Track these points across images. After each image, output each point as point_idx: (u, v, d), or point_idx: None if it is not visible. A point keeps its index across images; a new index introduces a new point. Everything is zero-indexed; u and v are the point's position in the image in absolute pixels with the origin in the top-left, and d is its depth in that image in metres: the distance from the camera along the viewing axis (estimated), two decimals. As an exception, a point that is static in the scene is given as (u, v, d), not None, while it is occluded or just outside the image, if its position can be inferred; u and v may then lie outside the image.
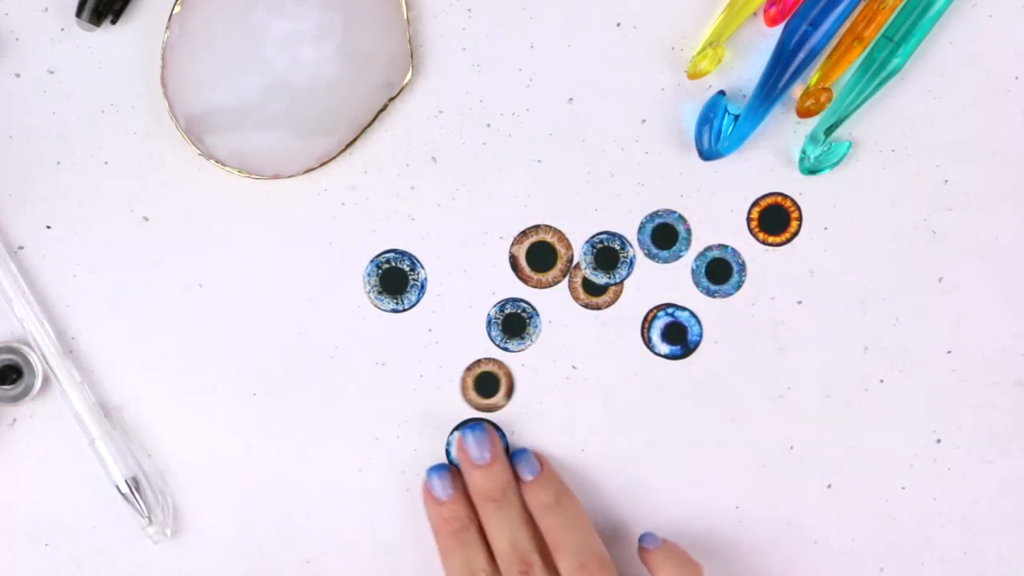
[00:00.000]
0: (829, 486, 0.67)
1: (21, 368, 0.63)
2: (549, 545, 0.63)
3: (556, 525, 0.63)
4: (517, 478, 0.64)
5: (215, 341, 0.65)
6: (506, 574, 0.62)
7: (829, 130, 0.65)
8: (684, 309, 0.67)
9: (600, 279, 0.66)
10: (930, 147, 0.66)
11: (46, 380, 0.64)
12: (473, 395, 0.66)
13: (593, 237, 0.66)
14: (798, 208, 0.66)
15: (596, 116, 0.65)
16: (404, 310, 0.66)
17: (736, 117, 0.65)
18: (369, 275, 0.65)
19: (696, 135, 0.65)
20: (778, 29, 0.64)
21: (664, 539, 0.64)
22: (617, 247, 0.66)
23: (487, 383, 0.66)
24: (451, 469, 0.65)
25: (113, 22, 0.63)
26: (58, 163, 0.64)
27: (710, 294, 0.67)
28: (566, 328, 0.66)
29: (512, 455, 0.65)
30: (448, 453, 0.66)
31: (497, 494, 0.63)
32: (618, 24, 0.65)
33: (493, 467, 0.64)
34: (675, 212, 0.66)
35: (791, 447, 0.67)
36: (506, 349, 0.66)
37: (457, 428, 0.66)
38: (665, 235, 0.66)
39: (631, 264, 0.66)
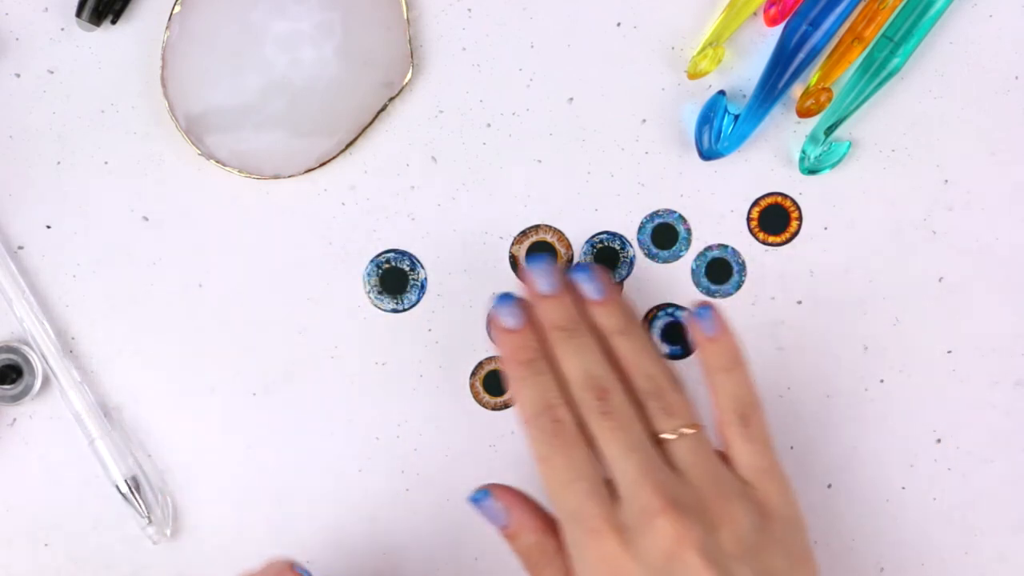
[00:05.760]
0: (829, 486, 0.67)
1: (21, 368, 0.63)
2: (624, 369, 0.59)
3: (627, 348, 0.59)
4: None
5: (215, 341, 0.65)
6: (581, 402, 0.58)
7: (829, 130, 0.65)
8: (684, 309, 0.67)
9: (600, 279, 0.66)
10: (930, 147, 0.66)
11: (46, 380, 0.64)
12: (484, 396, 0.66)
13: (593, 237, 0.66)
14: (798, 208, 0.66)
15: (596, 116, 0.65)
16: (404, 310, 0.66)
17: (736, 117, 0.65)
18: (369, 275, 0.65)
19: (696, 135, 0.65)
20: (778, 29, 0.64)
21: (721, 324, 0.59)
22: (617, 247, 0.66)
23: (495, 382, 0.66)
24: (519, 298, 0.61)
25: (113, 22, 0.63)
26: (58, 163, 0.64)
27: (710, 294, 0.67)
28: (566, 328, 0.66)
29: (572, 273, 0.61)
30: (488, 331, 0.64)
31: (567, 323, 0.59)
32: (618, 24, 0.65)
33: (561, 297, 0.60)
34: (675, 212, 0.66)
35: (791, 447, 0.67)
36: (506, 349, 0.66)
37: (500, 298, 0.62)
38: (665, 235, 0.66)
39: (631, 264, 0.66)
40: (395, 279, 0.66)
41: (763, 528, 0.57)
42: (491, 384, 0.66)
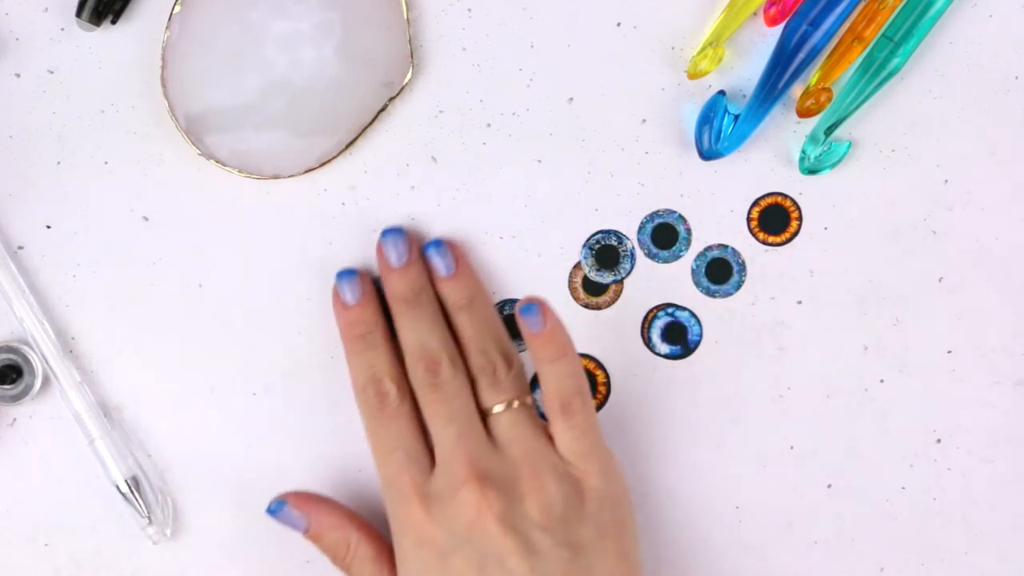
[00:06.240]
0: (829, 486, 0.67)
1: (21, 368, 0.63)
2: (460, 343, 0.62)
3: (467, 324, 0.62)
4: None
5: (215, 341, 0.65)
6: (413, 374, 0.61)
7: (829, 130, 0.65)
8: (684, 309, 0.67)
9: (605, 279, 0.66)
10: (930, 147, 0.66)
11: (46, 380, 0.64)
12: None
13: (591, 238, 0.66)
14: (798, 208, 0.66)
15: (596, 116, 0.65)
16: (404, 310, 0.66)
17: (736, 117, 0.65)
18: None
19: (696, 135, 0.65)
20: (778, 29, 0.64)
21: (546, 319, 0.61)
22: (615, 243, 0.66)
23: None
24: (361, 274, 0.63)
25: (113, 22, 0.63)
26: (58, 163, 0.64)
27: (710, 294, 0.67)
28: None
29: (425, 248, 0.63)
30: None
31: (410, 295, 0.62)
32: (618, 24, 0.65)
33: (409, 269, 0.62)
34: (675, 212, 0.66)
35: (791, 447, 0.67)
36: (506, 349, 0.66)
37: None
38: (665, 235, 0.66)
39: (632, 257, 0.66)
40: (395, 279, 0.65)
41: (575, 502, 0.59)
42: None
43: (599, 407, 0.66)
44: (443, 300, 0.63)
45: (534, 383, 0.65)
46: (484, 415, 0.61)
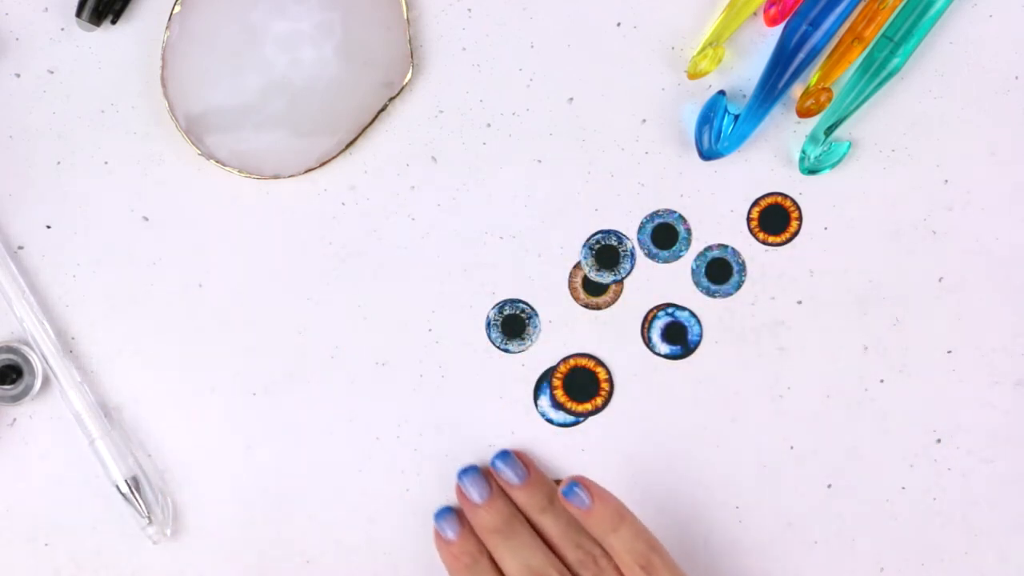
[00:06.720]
0: (829, 486, 0.67)
1: (21, 368, 0.63)
2: (553, 545, 0.63)
3: (553, 523, 0.64)
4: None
5: (215, 341, 0.65)
6: None
7: (829, 130, 0.65)
8: (684, 309, 0.67)
9: (605, 278, 0.66)
10: (930, 147, 0.66)
11: (46, 380, 0.64)
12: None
13: (590, 238, 0.66)
14: (798, 208, 0.66)
15: (596, 116, 0.65)
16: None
17: (736, 117, 0.65)
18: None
19: (696, 135, 0.65)
20: (778, 29, 0.64)
21: (591, 493, 0.63)
22: (615, 243, 0.66)
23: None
24: (455, 510, 0.65)
25: (113, 22, 0.63)
26: (58, 163, 0.64)
27: (710, 294, 0.67)
28: (566, 328, 0.66)
29: (493, 463, 0.65)
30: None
31: (502, 526, 0.64)
32: (618, 24, 0.65)
33: (495, 501, 0.64)
34: (675, 212, 0.66)
35: (791, 447, 0.67)
36: (506, 350, 0.66)
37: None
38: (665, 235, 0.66)
39: (632, 257, 0.66)
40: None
41: None
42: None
43: (600, 407, 0.66)
44: (521, 506, 0.65)
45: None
46: None
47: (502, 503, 0.64)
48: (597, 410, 0.67)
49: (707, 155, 0.65)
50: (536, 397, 0.66)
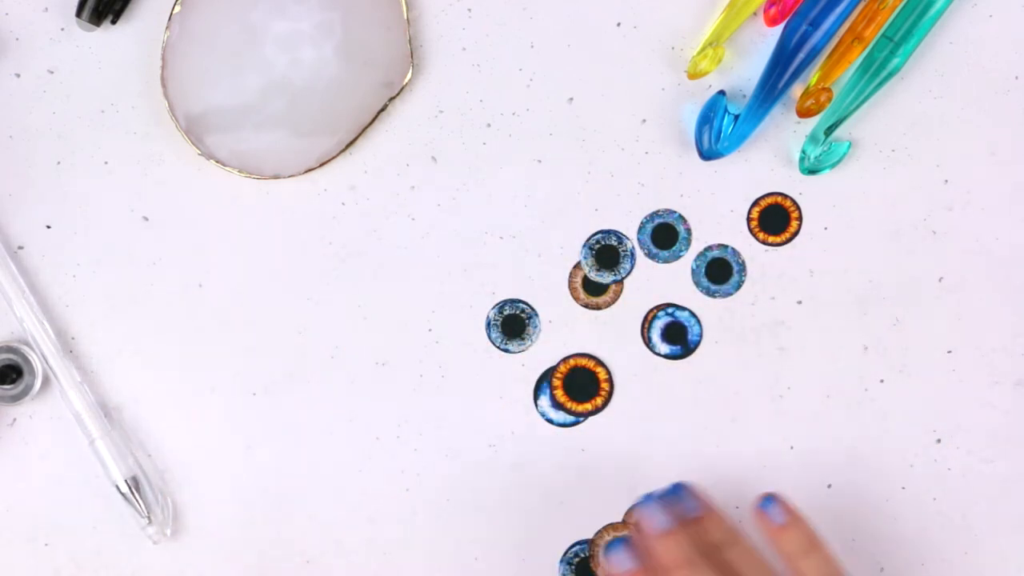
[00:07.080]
0: (829, 486, 0.67)
1: (21, 368, 0.63)
2: None
3: (740, 558, 0.60)
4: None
5: (215, 341, 0.65)
6: None
7: (829, 130, 0.65)
8: (684, 309, 0.67)
9: (605, 278, 0.66)
10: (930, 147, 0.66)
11: (46, 380, 0.64)
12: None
13: (590, 238, 0.66)
14: (798, 208, 0.66)
15: (596, 116, 0.65)
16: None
17: (736, 117, 0.65)
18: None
19: (696, 135, 0.65)
20: (778, 29, 0.64)
21: (789, 511, 0.61)
22: (615, 243, 0.66)
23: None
24: (626, 542, 0.61)
25: (113, 22, 0.63)
26: (58, 163, 0.64)
27: (710, 294, 0.67)
28: (566, 328, 0.66)
29: (669, 494, 0.61)
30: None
31: (687, 560, 0.60)
32: (618, 24, 0.65)
33: (676, 534, 0.60)
34: (675, 212, 0.66)
35: (791, 447, 0.67)
36: (506, 350, 0.66)
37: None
38: (665, 235, 0.66)
39: (632, 256, 0.66)
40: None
41: None
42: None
43: (600, 407, 0.66)
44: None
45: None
46: None
47: (684, 535, 0.60)
48: (597, 410, 0.67)
49: (707, 155, 0.65)
50: (536, 397, 0.66)
